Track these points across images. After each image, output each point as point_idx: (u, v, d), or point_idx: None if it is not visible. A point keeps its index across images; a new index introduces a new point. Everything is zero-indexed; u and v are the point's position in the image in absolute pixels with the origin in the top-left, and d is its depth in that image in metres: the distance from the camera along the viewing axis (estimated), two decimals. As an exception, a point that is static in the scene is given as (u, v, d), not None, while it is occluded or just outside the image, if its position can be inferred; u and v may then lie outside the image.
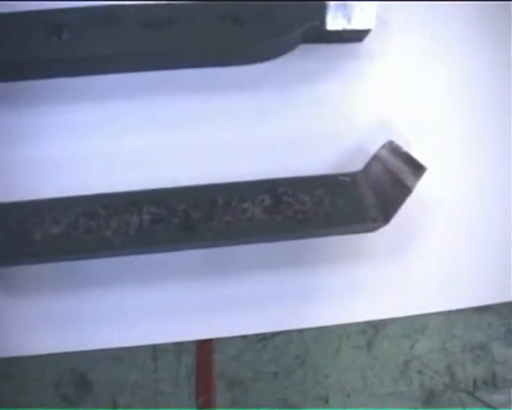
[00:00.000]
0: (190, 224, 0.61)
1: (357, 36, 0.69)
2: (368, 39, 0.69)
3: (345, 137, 0.68)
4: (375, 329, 0.65)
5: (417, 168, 0.64)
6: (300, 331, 0.63)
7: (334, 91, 0.69)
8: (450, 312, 0.65)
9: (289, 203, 0.63)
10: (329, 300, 0.65)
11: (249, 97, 0.67)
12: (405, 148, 0.65)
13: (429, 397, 0.63)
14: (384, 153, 0.65)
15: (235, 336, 0.63)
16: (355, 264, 0.66)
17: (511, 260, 0.65)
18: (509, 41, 0.69)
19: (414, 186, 0.63)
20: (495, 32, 0.69)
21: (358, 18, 0.67)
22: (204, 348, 0.63)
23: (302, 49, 0.68)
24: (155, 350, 0.62)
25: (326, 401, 0.62)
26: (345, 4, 0.67)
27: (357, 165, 0.66)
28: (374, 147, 0.67)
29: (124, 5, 0.63)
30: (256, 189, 0.63)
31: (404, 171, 0.64)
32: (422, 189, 0.63)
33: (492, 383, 0.63)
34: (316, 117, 0.69)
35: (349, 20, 0.67)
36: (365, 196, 0.64)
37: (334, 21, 0.67)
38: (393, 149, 0.65)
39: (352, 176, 0.64)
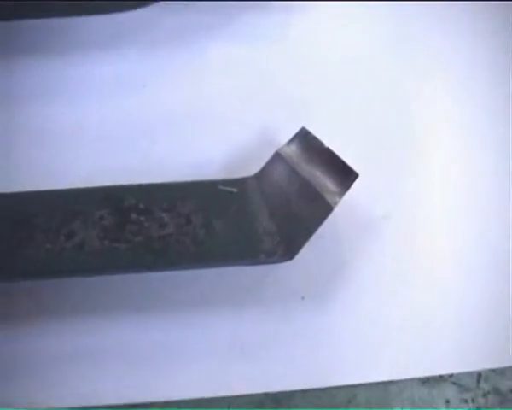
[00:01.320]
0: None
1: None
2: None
3: (236, 121, 0.46)
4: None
5: (344, 175, 0.41)
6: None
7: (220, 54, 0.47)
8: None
9: (140, 224, 0.40)
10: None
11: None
12: (326, 141, 0.42)
13: None
14: (292, 149, 0.42)
15: None
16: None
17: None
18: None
19: (337, 202, 0.40)
20: None
21: None
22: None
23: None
24: None
25: None
26: None
27: (250, 166, 0.43)
28: (278, 138, 0.44)
29: None
30: (90, 200, 0.41)
31: (323, 178, 0.41)
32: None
33: None
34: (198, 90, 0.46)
35: None
36: (258, 215, 0.41)
37: None
38: (307, 142, 0.42)
39: (240, 184, 0.41)
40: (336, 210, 0.41)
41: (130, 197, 0.41)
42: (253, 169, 0.43)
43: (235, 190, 0.41)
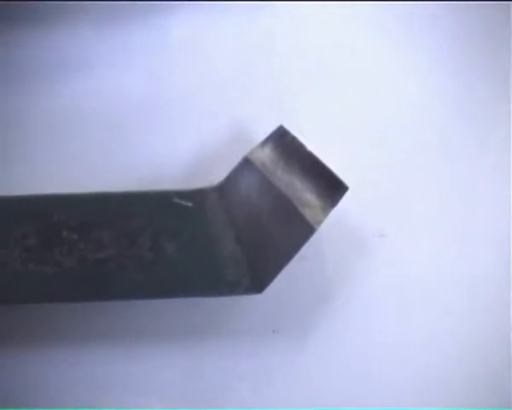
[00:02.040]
0: None
1: None
2: None
3: (203, 113, 0.38)
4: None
5: (331, 187, 0.33)
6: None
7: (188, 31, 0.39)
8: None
9: (73, 244, 0.32)
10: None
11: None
12: (309, 144, 0.33)
13: None
14: (265, 153, 0.34)
15: None
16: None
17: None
18: None
19: (320, 222, 0.32)
20: None
21: None
22: None
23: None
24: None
25: None
26: None
27: (216, 169, 0.35)
28: (253, 136, 0.36)
29: None
30: (10, 213, 0.32)
31: (304, 191, 0.33)
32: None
33: None
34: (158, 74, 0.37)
35: None
36: (220, 237, 0.33)
37: None
38: (285, 145, 0.34)
39: (200, 197, 0.33)
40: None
41: (61, 210, 0.32)
42: (219, 172, 0.35)
43: (190, 204, 0.32)
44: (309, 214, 0.32)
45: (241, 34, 0.38)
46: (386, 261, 0.37)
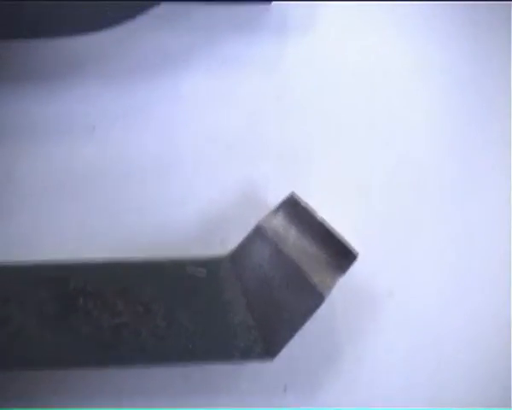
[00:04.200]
0: None
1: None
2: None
3: (213, 176, 0.38)
4: None
5: (341, 255, 0.33)
6: None
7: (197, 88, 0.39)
8: None
9: (88, 312, 0.33)
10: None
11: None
12: (321, 213, 0.34)
13: None
14: (277, 221, 0.34)
15: None
16: None
17: None
18: None
19: (330, 290, 0.33)
20: None
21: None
22: None
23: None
24: None
25: None
26: None
27: (226, 233, 0.35)
28: (264, 197, 0.36)
29: None
30: (27, 279, 0.33)
31: (315, 260, 0.34)
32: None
33: None
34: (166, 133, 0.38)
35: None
36: (232, 305, 0.33)
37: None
38: (297, 213, 0.34)
39: (212, 266, 0.34)
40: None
41: (78, 277, 0.33)
42: (229, 234, 0.36)
43: (204, 273, 0.33)
44: (319, 283, 0.33)
45: (253, 92, 0.39)
46: (395, 320, 0.38)
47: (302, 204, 0.34)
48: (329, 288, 0.33)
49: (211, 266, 0.33)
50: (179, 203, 0.37)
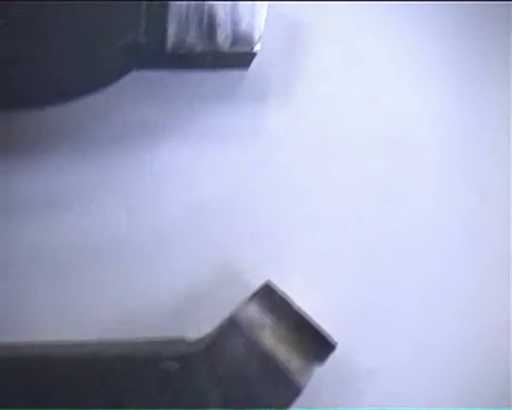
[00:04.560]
0: None
1: (234, 60, 0.36)
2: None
3: (190, 255, 0.37)
4: None
5: (319, 346, 0.33)
6: None
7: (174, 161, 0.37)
8: None
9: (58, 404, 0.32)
10: None
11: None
12: (298, 301, 0.33)
13: None
14: (251, 311, 0.33)
15: None
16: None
17: None
18: None
19: (307, 381, 0.32)
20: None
21: (225, 29, 0.34)
22: None
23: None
24: None
25: None
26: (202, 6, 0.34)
27: (203, 317, 0.34)
28: (242, 277, 0.35)
29: None
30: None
31: (291, 351, 0.33)
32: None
33: None
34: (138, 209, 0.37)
35: (210, 35, 0.34)
36: (206, 398, 0.32)
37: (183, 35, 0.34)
38: (273, 302, 0.33)
39: (185, 358, 0.33)
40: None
41: (47, 370, 0.32)
42: (206, 318, 0.35)
43: (176, 367, 0.32)
44: (296, 376, 0.32)
45: (232, 166, 0.38)
46: (377, 397, 0.37)
47: (278, 293, 0.33)
48: (307, 379, 0.32)
49: (183, 359, 0.32)
50: (153, 282, 0.36)
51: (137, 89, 0.37)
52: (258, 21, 0.35)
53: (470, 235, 0.39)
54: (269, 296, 0.33)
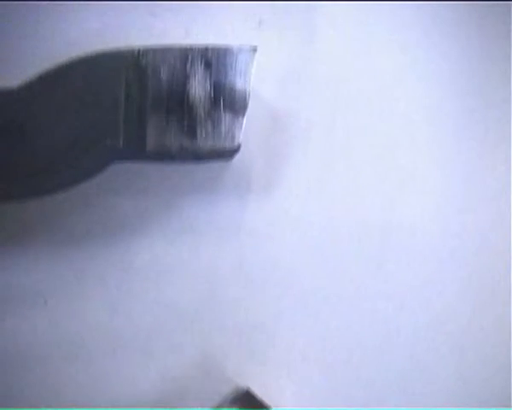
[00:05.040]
0: None
1: (216, 155, 0.36)
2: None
3: (167, 349, 0.37)
4: None
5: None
6: None
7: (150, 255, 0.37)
8: None
9: None
10: None
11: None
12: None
13: None
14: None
15: None
16: None
17: None
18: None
19: None
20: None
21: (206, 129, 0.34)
22: None
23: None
24: None
25: None
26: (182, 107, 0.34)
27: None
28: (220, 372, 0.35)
29: None
30: None
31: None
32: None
33: None
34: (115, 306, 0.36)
35: (190, 136, 0.34)
36: None
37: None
38: (251, 408, 0.33)
39: None
40: None
41: None
42: None
43: None
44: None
45: (213, 260, 0.37)
46: None
47: (257, 399, 0.33)
48: None
49: None
50: (132, 377, 0.36)
51: (117, 180, 0.37)
52: (240, 119, 0.35)
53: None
54: (248, 402, 0.33)
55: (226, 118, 0.35)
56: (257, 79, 0.36)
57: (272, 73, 0.38)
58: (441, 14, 0.40)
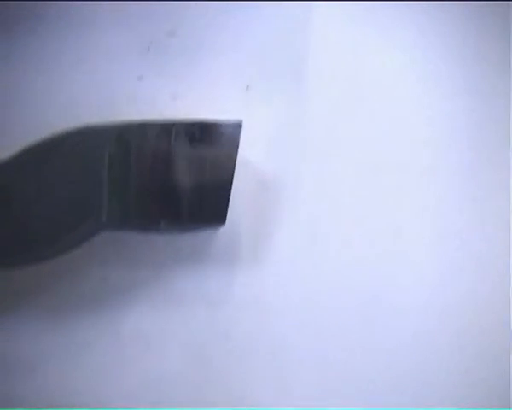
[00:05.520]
0: None
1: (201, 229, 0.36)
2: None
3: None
4: None
5: None
6: None
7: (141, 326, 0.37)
8: None
9: None
10: None
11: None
12: None
13: None
14: None
15: None
16: None
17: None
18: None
19: None
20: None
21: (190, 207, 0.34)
22: None
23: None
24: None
25: None
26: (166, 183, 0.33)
27: None
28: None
29: None
30: None
31: None
32: None
33: None
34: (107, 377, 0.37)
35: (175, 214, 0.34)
36: None
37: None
38: None
39: None
40: None
41: None
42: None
43: None
44: None
45: (200, 330, 0.37)
46: None
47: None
48: None
49: None
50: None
51: (105, 250, 0.37)
52: (226, 194, 0.35)
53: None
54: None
55: (211, 195, 0.35)
56: (244, 143, 0.35)
57: (260, 137, 0.38)
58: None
